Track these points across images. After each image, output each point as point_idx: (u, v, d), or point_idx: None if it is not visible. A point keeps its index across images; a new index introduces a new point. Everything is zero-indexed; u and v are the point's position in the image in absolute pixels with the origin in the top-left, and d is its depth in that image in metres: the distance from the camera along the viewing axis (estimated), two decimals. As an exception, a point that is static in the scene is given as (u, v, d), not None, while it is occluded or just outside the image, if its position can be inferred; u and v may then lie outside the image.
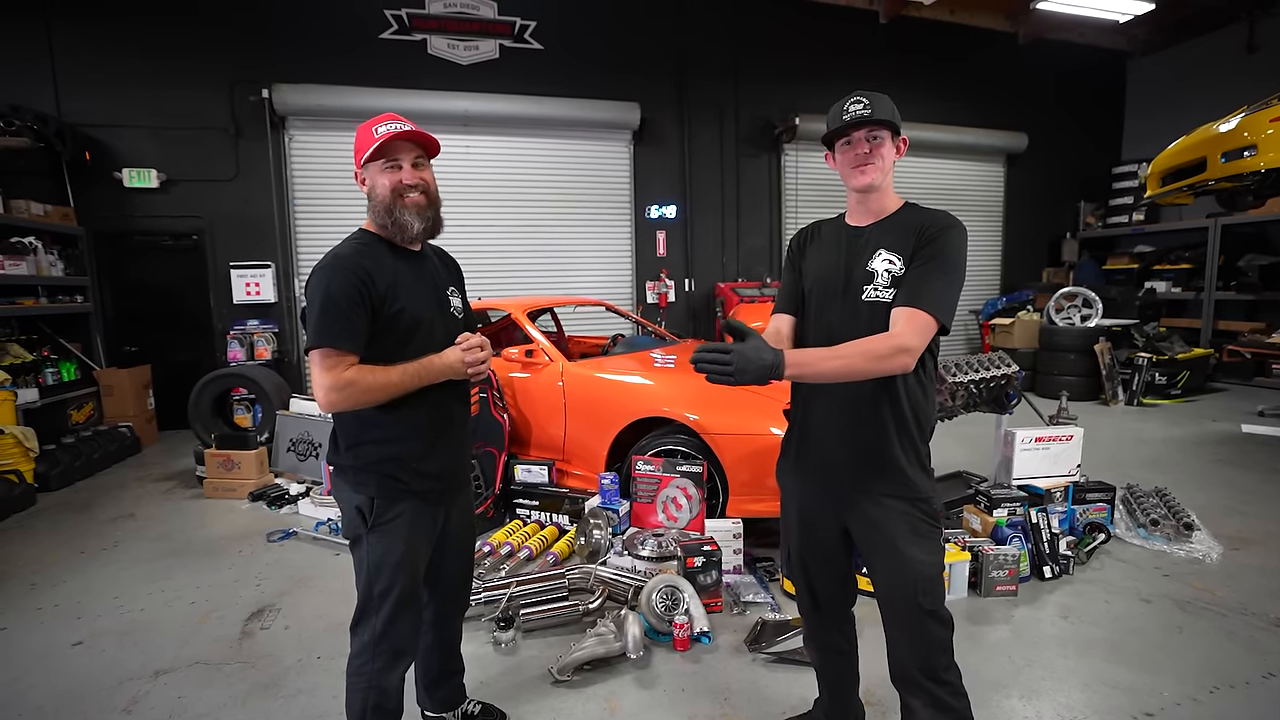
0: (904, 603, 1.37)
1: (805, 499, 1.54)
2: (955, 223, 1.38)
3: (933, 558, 1.39)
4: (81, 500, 4.05)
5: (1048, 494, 3.04)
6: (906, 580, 1.36)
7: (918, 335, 1.29)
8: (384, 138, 1.44)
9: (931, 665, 1.37)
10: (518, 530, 3.19)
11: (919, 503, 1.39)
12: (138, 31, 5.73)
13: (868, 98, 1.39)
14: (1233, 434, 5.06)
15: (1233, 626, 2.34)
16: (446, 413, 1.56)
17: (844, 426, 1.42)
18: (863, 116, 1.36)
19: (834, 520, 1.49)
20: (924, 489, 1.39)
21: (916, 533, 1.38)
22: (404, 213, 1.47)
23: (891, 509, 1.39)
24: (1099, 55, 8.81)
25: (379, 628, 1.47)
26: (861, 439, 1.40)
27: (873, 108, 1.37)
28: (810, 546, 1.56)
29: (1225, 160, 4.63)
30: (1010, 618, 2.44)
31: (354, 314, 1.37)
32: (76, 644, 2.39)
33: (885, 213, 1.44)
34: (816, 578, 1.58)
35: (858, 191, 1.43)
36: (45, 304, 5.07)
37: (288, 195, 6.23)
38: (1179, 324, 7.75)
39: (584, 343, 4.95)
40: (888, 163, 1.40)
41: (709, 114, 7.38)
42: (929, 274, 1.32)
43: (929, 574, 1.37)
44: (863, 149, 1.39)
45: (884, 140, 1.39)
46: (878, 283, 1.37)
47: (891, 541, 1.38)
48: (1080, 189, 9.09)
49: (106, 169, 5.72)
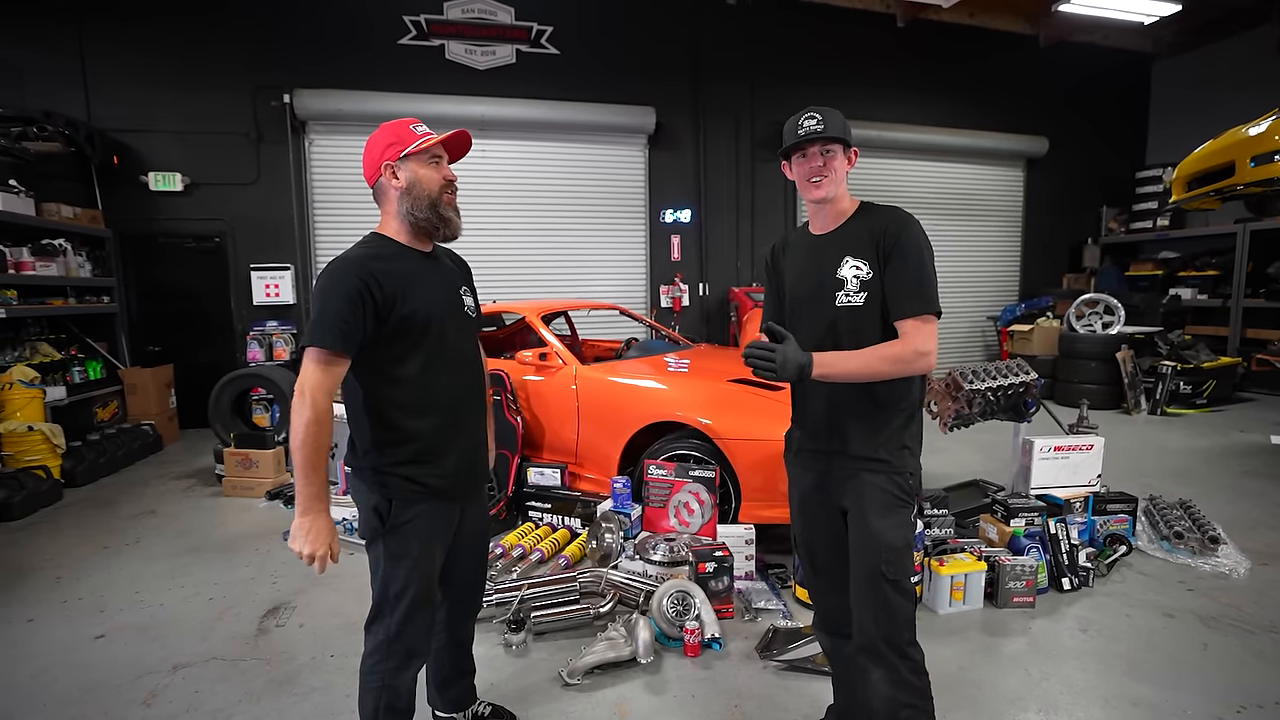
0: (868, 572, 1.45)
1: (804, 483, 1.64)
2: (908, 218, 1.48)
3: (899, 531, 1.46)
4: (105, 496, 4.14)
5: (1067, 504, 2.98)
6: (872, 550, 1.45)
7: (931, 337, 1.42)
8: (444, 137, 1.50)
9: (893, 637, 1.43)
10: (530, 533, 3.21)
11: (894, 476, 1.47)
12: (163, 37, 5.87)
13: (820, 113, 1.48)
14: (1262, 445, 4.93)
15: (1261, 645, 2.28)
16: (464, 415, 1.56)
17: (829, 411, 1.53)
18: (815, 133, 1.46)
19: (830, 501, 1.57)
20: (897, 464, 1.48)
21: (886, 506, 1.46)
22: (448, 209, 1.50)
23: (868, 483, 1.48)
24: (1122, 58, 8.66)
25: (393, 628, 1.48)
26: (844, 420, 1.51)
27: (825, 123, 1.46)
28: (811, 527, 1.65)
29: (1255, 164, 4.52)
30: (1028, 630, 2.40)
31: (350, 316, 1.34)
32: (99, 637, 2.45)
33: (844, 217, 1.54)
34: (819, 555, 1.66)
35: (813, 203, 1.54)
36: (73, 304, 5.20)
37: (307, 198, 6.33)
38: (1205, 332, 7.57)
39: (598, 346, 4.95)
40: (840, 175, 1.50)
41: (724, 118, 7.37)
42: (909, 278, 1.42)
43: (894, 544, 1.45)
44: (816, 162, 1.49)
45: (836, 154, 1.49)
46: (849, 289, 1.47)
47: (863, 514, 1.47)
48: (1102, 193, 8.93)
49: (133, 172, 5.86)
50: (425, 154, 1.47)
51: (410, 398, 1.46)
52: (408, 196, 1.47)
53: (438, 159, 1.50)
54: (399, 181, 1.47)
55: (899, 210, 1.51)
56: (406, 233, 1.50)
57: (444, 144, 1.52)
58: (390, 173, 1.47)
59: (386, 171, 1.47)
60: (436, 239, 1.53)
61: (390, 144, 1.46)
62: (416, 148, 1.45)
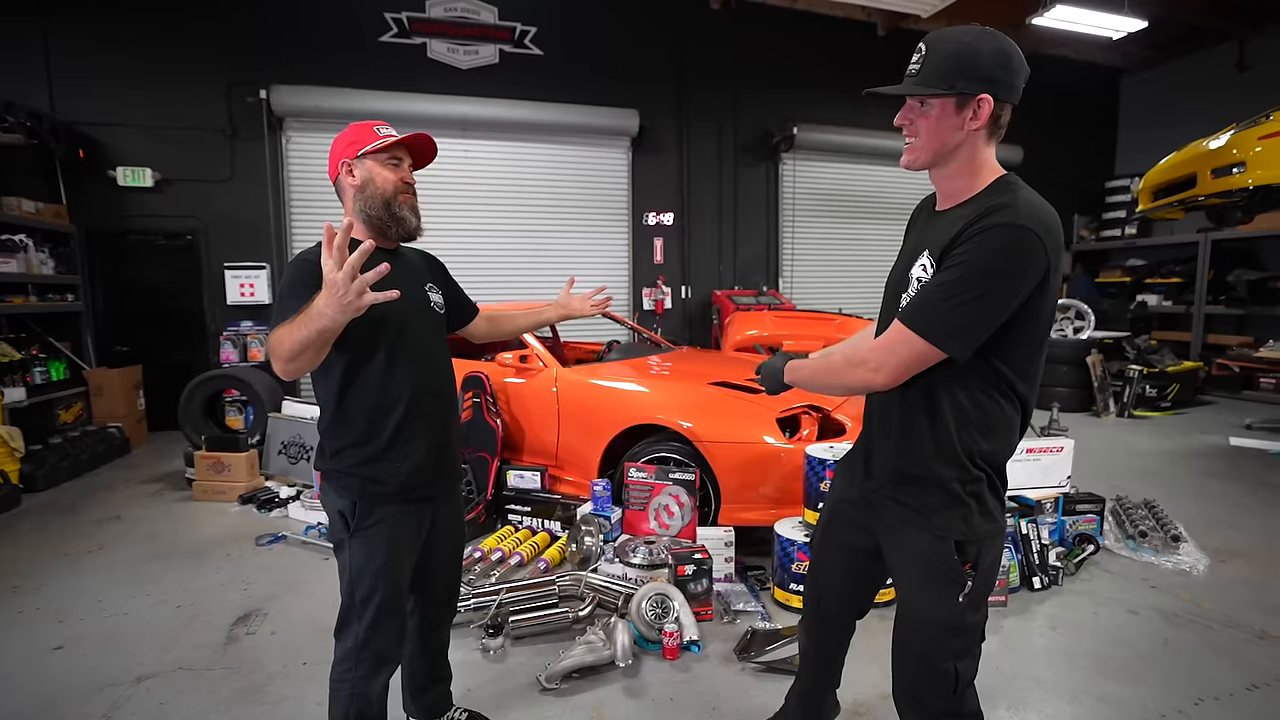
0: (901, 641, 1.31)
1: (842, 503, 1.43)
2: (1005, 221, 1.06)
3: (943, 609, 1.20)
4: (68, 502, 4.00)
5: (1038, 505, 3.04)
6: (909, 625, 1.28)
7: (887, 352, 1.14)
8: (402, 138, 1.49)
9: (924, 702, 1.28)
10: (509, 536, 3.18)
11: (940, 540, 1.19)
12: (134, 30, 5.72)
13: (928, 45, 1.13)
14: (1221, 447, 5.10)
15: (1218, 639, 2.36)
16: (430, 414, 1.54)
17: (882, 434, 1.29)
18: (905, 85, 1.15)
19: (864, 529, 1.36)
20: (955, 527, 1.18)
21: (934, 576, 1.20)
22: (402, 208, 1.50)
23: (913, 538, 1.22)
24: (1094, 71, 8.92)
25: (361, 634, 1.45)
26: (896, 450, 1.24)
27: (922, 66, 1.12)
28: (829, 548, 1.47)
29: (1215, 176, 4.68)
30: (999, 628, 2.44)
31: (302, 302, 1.26)
32: (57, 648, 2.36)
33: (958, 197, 1.18)
34: (826, 582, 1.50)
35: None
36: (35, 302, 5.03)
37: (284, 197, 6.22)
38: (1170, 337, 7.81)
39: (579, 349, 4.94)
40: (931, 140, 1.15)
41: (708, 122, 7.42)
42: (938, 285, 1.11)
43: (935, 625, 1.22)
44: (905, 121, 1.18)
45: (932, 109, 1.13)
46: (910, 291, 1.18)
47: (901, 570, 1.28)
48: (1074, 202, 9.17)
49: (101, 167, 5.69)
50: (384, 154, 1.49)
51: (373, 396, 1.44)
52: (361, 194, 1.48)
53: (397, 160, 1.51)
54: (354, 179, 1.49)
55: (1009, 209, 1.07)
56: (365, 230, 1.50)
57: (409, 149, 1.54)
58: (347, 170, 1.49)
59: (344, 169, 1.49)
60: (390, 237, 1.53)
61: (351, 142, 1.49)
62: (374, 147, 1.47)
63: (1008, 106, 1.14)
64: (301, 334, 1.19)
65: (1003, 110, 1.13)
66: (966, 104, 1.11)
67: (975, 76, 1.09)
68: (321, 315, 1.16)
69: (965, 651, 1.23)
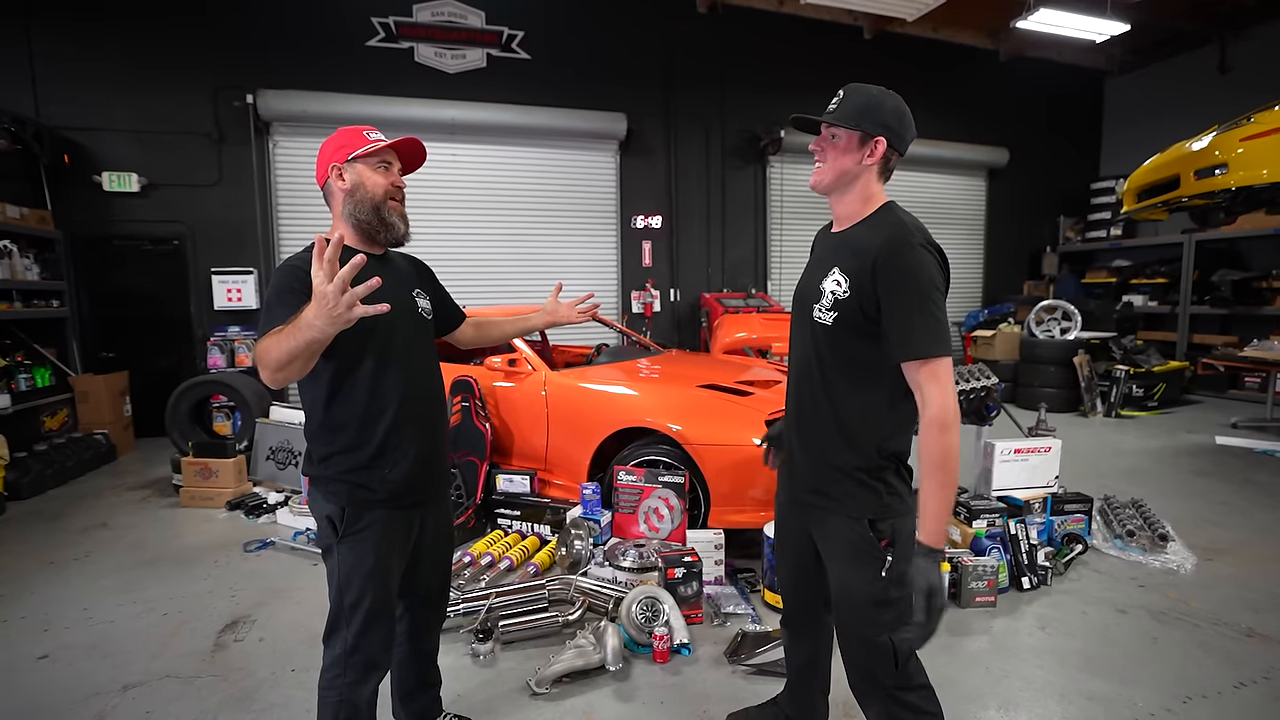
0: (840, 623, 1.43)
1: (781, 508, 1.60)
2: (915, 242, 1.26)
3: (870, 586, 1.32)
4: (53, 509, 3.95)
5: (1026, 505, 3.07)
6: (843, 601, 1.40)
7: (939, 392, 1.23)
8: (392, 142, 1.50)
9: (874, 678, 1.38)
10: (499, 540, 3.17)
11: (856, 521, 1.34)
12: (120, 35, 5.67)
13: (845, 92, 1.35)
14: (1207, 445, 5.16)
15: (1206, 637, 2.38)
16: (419, 419, 1.53)
17: (799, 440, 1.47)
18: (824, 116, 1.35)
19: (800, 531, 1.51)
20: (866, 508, 1.33)
21: (856, 556, 1.35)
22: (391, 214, 1.50)
23: (834, 525, 1.39)
24: (1078, 73, 9.02)
25: (350, 640, 1.45)
26: (812, 452, 1.42)
27: (839, 104, 1.35)
28: (781, 551, 1.63)
29: (1197, 177, 4.74)
30: (989, 629, 2.46)
31: (290, 310, 1.25)
32: (42, 657, 2.33)
33: (853, 219, 1.38)
34: (784, 582, 1.65)
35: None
36: (19, 308, 4.96)
37: (271, 201, 6.18)
38: (1155, 337, 7.91)
39: (568, 352, 4.94)
40: (837, 166, 1.34)
41: (695, 125, 7.45)
42: (904, 315, 1.23)
43: (865, 601, 1.34)
44: (817, 148, 1.39)
45: (839, 139, 1.34)
46: (823, 303, 1.34)
47: (830, 557, 1.42)
48: (1060, 203, 9.27)
49: (86, 172, 5.63)
50: (374, 158, 1.49)
51: (361, 402, 1.44)
52: (351, 199, 1.48)
53: (386, 164, 1.51)
54: (344, 183, 1.48)
55: (905, 228, 1.28)
56: (353, 235, 1.50)
57: (398, 154, 1.53)
58: (337, 174, 1.49)
59: (333, 173, 1.49)
60: (379, 242, 1.52)
61: (340, 146, 1.48)
62: (365, 151, 1.47)
63: (895, 154, 1.36)
64: (290, 344, 1.18)
65: (892, 155, 1.35)
66: (867, 142, 1.33)
67: (876, 121, 1.32)
68: (310, 327, 1.15)
69: (897, 623, 1.32)
